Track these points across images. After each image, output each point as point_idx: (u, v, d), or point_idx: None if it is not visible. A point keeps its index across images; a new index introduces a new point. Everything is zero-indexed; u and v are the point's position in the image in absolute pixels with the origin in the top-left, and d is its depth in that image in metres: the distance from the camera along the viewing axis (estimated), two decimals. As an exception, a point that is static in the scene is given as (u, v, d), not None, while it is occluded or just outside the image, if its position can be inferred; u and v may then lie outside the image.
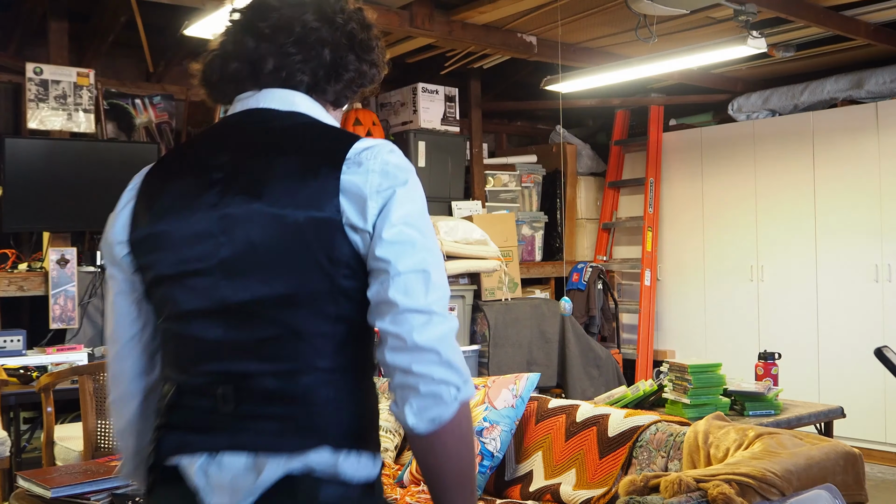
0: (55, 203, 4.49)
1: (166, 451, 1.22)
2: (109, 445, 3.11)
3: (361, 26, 1.33)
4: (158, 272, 1.26)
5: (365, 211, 1.15)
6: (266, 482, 1.13)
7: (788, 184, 5.92)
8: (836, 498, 2.17)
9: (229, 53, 1.31)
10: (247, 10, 1.30)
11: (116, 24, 4.72)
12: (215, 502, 1.15)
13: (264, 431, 1.16)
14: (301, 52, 1.27)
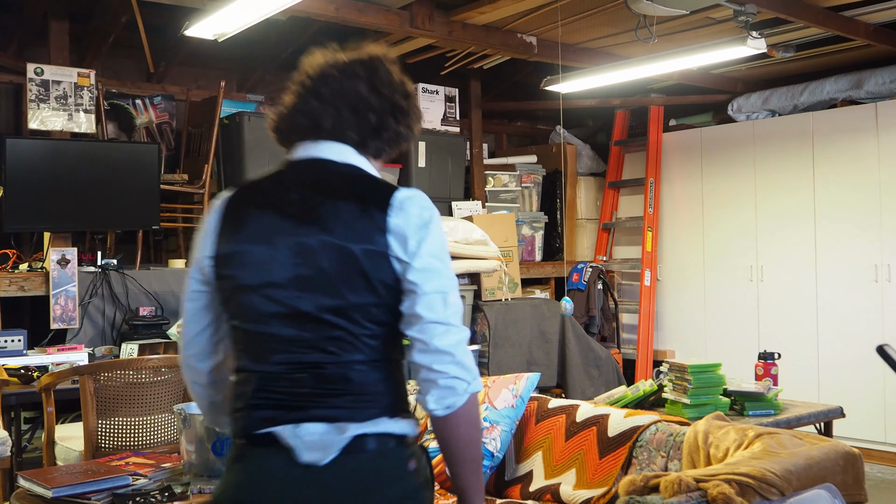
0: (56, 203, 4.50)
1: (255, 424, 1.53)
2: (110, 445, 3.12)
3: (403, 96, 1.67)
4: (241, 283, 1.57)
5: (406, 246, 1.51)
6: (345, 441, 1.49)
7: (788, 184, 5.92)
8: (835, 498, 2.17)
9: (298, 110, 1.67)
10: (315, 77, 1.65)
11: (117, 24, 4.72)
12: (307, 458, 1.49)
13: (335, 406, 1.51)
14: (353, 116, 1.62)
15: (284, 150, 1.74)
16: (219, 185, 5.33)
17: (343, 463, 1.49)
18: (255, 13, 3.79)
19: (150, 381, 3.22)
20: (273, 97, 6.09)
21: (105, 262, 4.67)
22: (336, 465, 1.49)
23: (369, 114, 1.63)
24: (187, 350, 1.71)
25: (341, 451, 1.49)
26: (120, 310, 4.65)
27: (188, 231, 5.29)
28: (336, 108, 1.63)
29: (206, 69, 5.80)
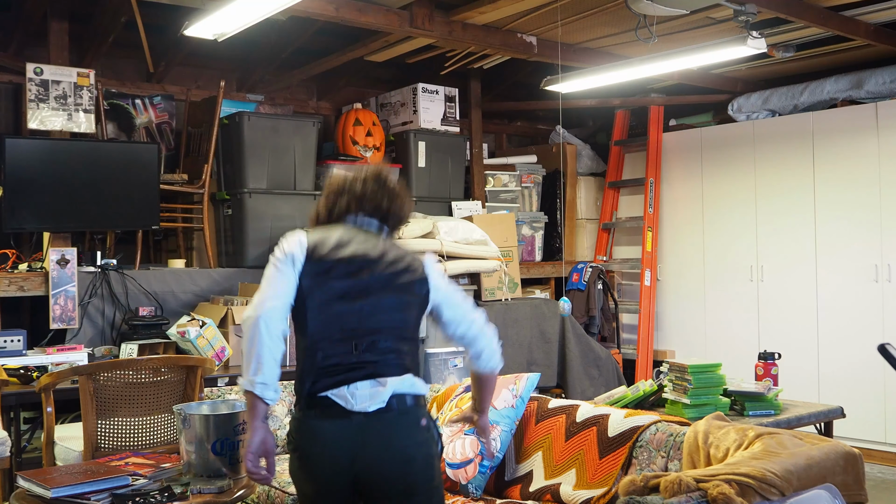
0: (55, 203, 4.50)
1: (323, 387, 2.17)
2: (109, 446, 3.11)
3: (395, 197, 2.43)
4: (329, 284, 2.24)
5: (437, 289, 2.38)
6: (388, 394, 2.18)
7: (788, 184, 5.92)
8: (835, 498, 2.17)
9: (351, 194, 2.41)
10: (366, 182, 2.40)
11: (117, 24, 4.72)
12: (359, 406, 2.15)
13: (383, 366, 2.20)
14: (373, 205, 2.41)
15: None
16: (218, 185, 5.32)
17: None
18: (255, 13, 3.79)
19: (149, 381, 3.22)
20: (273, 97, 6.09)
21: (105, 262, 4.66)
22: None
23: (388, 211, 2.43)
24: (273, 314, 2.17)
25: (385, 403, 2.18)
26: (119, 310, 4.65)
27: (188, 231, 5.29)
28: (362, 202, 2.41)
29: (205, 69, 5.80)
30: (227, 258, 5.29)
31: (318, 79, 6.22)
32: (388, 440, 2.15)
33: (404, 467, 2.16)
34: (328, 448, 2.15)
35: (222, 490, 2.52)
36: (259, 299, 2.17)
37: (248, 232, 5.12)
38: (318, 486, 2.18)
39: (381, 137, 5.82)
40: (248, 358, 2.14)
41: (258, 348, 2.12)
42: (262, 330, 2.12)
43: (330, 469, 2.14)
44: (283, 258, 2.21)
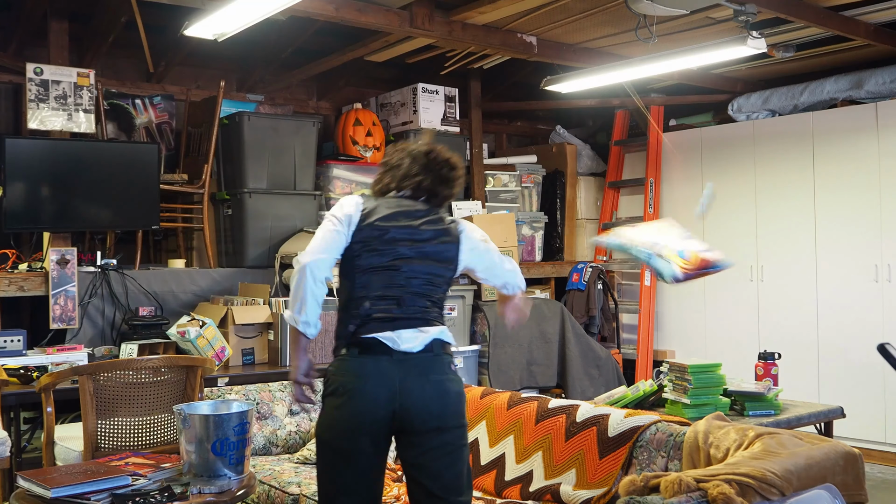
0: (55, 203, 4.50)
1: (369, 330, 2.42)
2: (109, 445, 3.11)
3: (449, 169, 2.78)
4: (376, 243, 2.48)
5: (469, 242, 2.75)
6: (428, 339, 2.46)
7: (788, 184, 5.92)
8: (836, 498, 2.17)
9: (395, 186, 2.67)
10: (420, 156, 2.72)
11: (117, 24, 4.72)
12: (404, 346, 2.41)
13: (422, 318, 2.48)
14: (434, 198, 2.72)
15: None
16: (218, 185, 5.33)
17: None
18: (255, 13, 3.79)
19: (149, 381, 3.22)
20: (273, 97, 6.09)
21: (105, 262, 4.66)
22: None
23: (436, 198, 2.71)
24: (325, 257, 2.44)
25: (424, 347, 2.45)
26: (119, 310, 4.65)
27: (188, 231, 5.29)
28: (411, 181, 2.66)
29: (205, 69, 5.80)
30: (227, 258, 5.29)
31: (318, 79, 6.21)
32: (426, 374, 2.41)
33: (441, 400, 2.40)
34: (371, 381, 2.36)
35: (222, 490, 2.52)
36: (311, 248, 2.43)
37: (248, 232, 5.12)
38: (358, 421, 2.35)
39: (381, 137, 5.82)
40: (294, 298, 2.43)
41: (303, 292, 2.40)
42: (308, 276, 2.40)
43: (373, 402, 2.35)
44: (341, 218, 2.47)
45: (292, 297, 2.44)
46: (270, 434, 3.87)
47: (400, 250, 2.49)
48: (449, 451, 2.42)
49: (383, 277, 2.47)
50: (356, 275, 2.48)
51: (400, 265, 2.49)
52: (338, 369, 2.42)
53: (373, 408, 2.35)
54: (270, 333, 4.71)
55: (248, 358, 4.65)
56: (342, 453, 2.37)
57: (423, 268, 2.52)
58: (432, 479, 2.39)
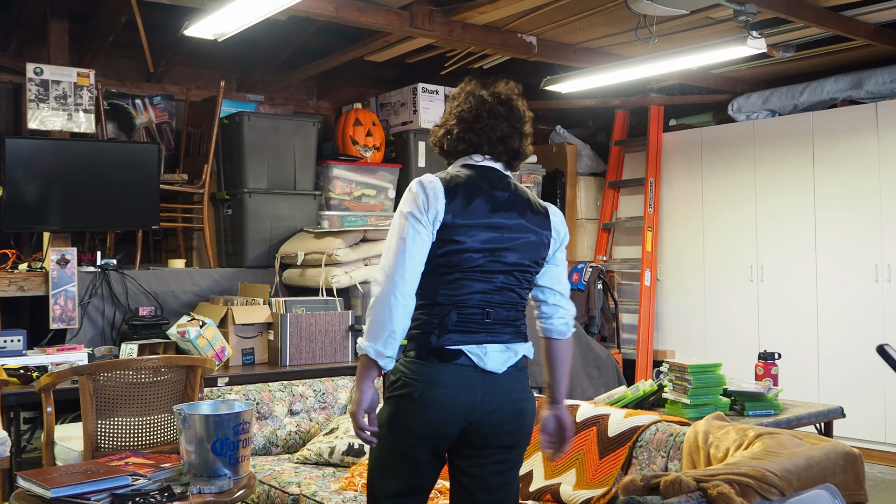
0: (55, 203, 4.50)
1: (452, 342, 2.21)
2: (109, 445, 3.11)
3: (528, 124, 2.51)
4: (466, 245, 2.22)
5: (559, 237, 2.40)
6: (516, 359, 2.34)
7: (788, 184, 5.92)
8: (836, 498, 2.17)
9: (459, 138, 2.38)
10: (470, 114, 2.37)
11: (116, 24, 4.72)
12: (490, 367, 2.25)
13: (511, 331, 2.35)
14: (501, 145, 2.40)
15: (445, 161, 2.45)
16: (218, 185, 5.33)
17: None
18: (255, 13, 3.79)
19: (149, 381, 3.22)
20: (273, 97, 6.09)
21: (105, 262, 4.66)
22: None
23: (511, 142, 2.42)
24: (412, 281, 2.18)
25: (510, 366, 2.34)
26: (119, 310, 4.65)
27: (188, 231, 5.29)
28: (489, 138, 2.36)
29: (205, 69, 5.80)
30: (227, 258, 5.29)
31: (318, 79, 6.22)
32: (508, 393, 2.27)
33: (517, 419, 2.30)
34: (451, 392, 2.18)
35: (222, 490, 2.52)
36: (395, 267, 2.15)
37: (248, 232, 5.12)
38: (428, 429, 2.18)
39: (381, 137, 5.82)
40: (379, 330, 2.14)
41: (392, 324, 2.14)
42: (401, 309, 2.14)
43: (449, 413, 2.18)
44: (424, 216, 2.19)
45: (375, 327, 2.14)
46: (270, 434, 3.87)
47: (490, 246, 2.24)
48: (508, 468, 2.32)
49: (471, 281, 2.23)
50: (440, 276, 2.22)
51: (489, 266, 2.24)
52: (414, 373, 2.19)
53: (448, 418, 2.19)
54: (270, 333, 4.71)
55: (248, 358, 4.65)
56: (408, 459, 2.23)
57: (513, 265, 2.28)
58: (485, 492, 2.29)
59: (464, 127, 2.35)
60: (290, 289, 5.08)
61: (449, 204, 2.20)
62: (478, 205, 2.24)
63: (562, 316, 2.47)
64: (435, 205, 2.19)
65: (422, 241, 2.17)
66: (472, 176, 2.29)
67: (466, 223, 2.22)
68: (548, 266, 2.39)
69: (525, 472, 3.22)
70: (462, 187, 2.25)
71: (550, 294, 2.44)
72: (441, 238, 2.20)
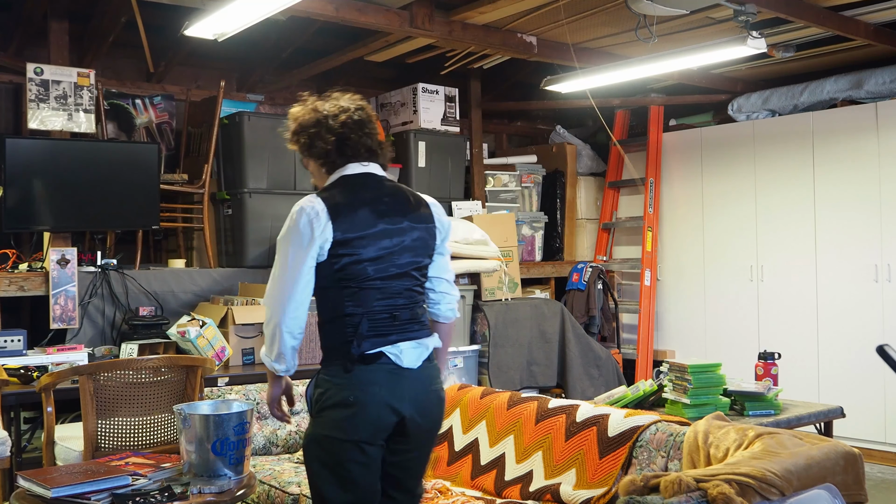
0: (55, 203, 4.50)
1: (370, 346, 2.32)
2: (110, 445, 3.11)
3: (378, 124, 2.58)
4: (361, 256, 2.32)
5: (444, 227, 2.52)
6: (427, 352, 2.42)
7: (788, 184, 5.92)
8: (835, 498, 2.17)
9: (335, 149, 2.47)
10: (339, 127, 2.46)
11: (117, 24, 4.72)
12: (407, 364, 2.36)
13: (417, 327, 2.42)
14: (367, 150, 2.50)
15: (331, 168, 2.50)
16: (218, 185, 5.32)
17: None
18: (255, 13, 3.79)
19: (150, 381, 3.22)
20: (273, 97, 6.08)
21: (105, 262, 4.66)
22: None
23: (373, 145, 2.50)
24: (299, 310, 2.32)
25: (425, 359, 2.42)
26: (120, 310, 4.65)
27: (188, 231, 5.29)
28: (356, 149, 2.46)
29: (206, 69, 5.80)
30: (227, 258, 5.29)
31: (318, 79, 6.21)
32: (428, 384, 2.42)
33: (438, 406, 2.47)
34: (383, 389, 2.32)
35: (222, 490, 2.52)
36: (281, 295, 2.32)
37: (248, 232, 5.12)
38: (370, 431, 2.32)
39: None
40: (271, 347, 2.38)
41: (280, 347, 2.35)
42: (286, 335, 2.34)
43: (384, 406, 2.32)
44: (307, 245, 2.31)
45: (269, 344, 2.37)
46: (270, 434, 3.87)
47: (383, 253, 2.36)
48: (428, 452, 2.51)
49: (373, 290, 2.35)
50: (342, 289, 2.35)
51: (388, 271, 2.37)
52: (343, 380, 2.32)
53: (385, 413, 2.31)
54: (270, 333, 4.71)
55: (248, 358, 4.65)
56: (357, 462, 2.31)
57: (408, 265, 2.41)
58: (410, 476, 2.47)
59: (329, 141, 2.44)
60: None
61: (335, 222, 2.31)
62: (363, 215, 2.35)
63: (448, 302, 2.57)
64: (320, 228, 2.30)
65: (307, 269, 2.31)
66: (352, 187, 2.41)
67: (356, 236, 2.32)
68: (435, 256, 2.49)
69: (525, 472, 3.22)
70: (344, 202, 2.35)
71: (438, 283, 2.53)
72: (335, 254, 2.31)
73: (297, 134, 2.49)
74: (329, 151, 2.43)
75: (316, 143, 2.44)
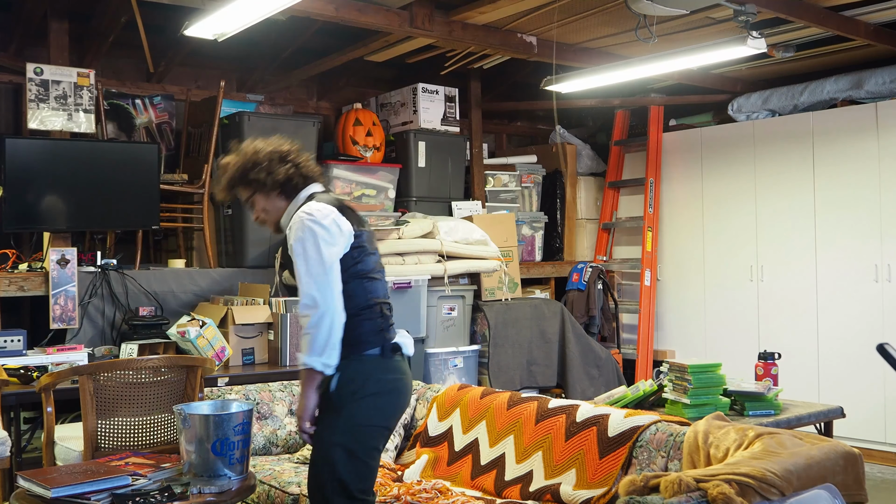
0: (55, 203, 4.50)
1: (392, 336, 2.59)
2: (110, 445, 3.11)
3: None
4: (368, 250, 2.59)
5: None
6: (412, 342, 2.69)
7: (788, 184, 5.92)
8: (835, 498, 2.17)
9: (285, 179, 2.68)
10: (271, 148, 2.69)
11: (117, 24, 4.72)
12: (408, 351, 2.62)
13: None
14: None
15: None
16: (219, 185, 5.32)
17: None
18: (255, 13, 3.79)
19: (150, 381, 3.22)
20: (273, 97, 6.08)
21: (105, 262, 4.66)
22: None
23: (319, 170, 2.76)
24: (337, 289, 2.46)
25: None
26: (119, 310, 4.65)
27: (188, 231, 5.29)
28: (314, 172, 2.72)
29: (206, 69, 5.80)
30: (227, 258, 5.29)
31: (318, 79, 6.22)
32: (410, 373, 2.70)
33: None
34: (409, 380, 2.63)
35: (222, 490, 2.52)
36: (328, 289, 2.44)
37: (248, 232, 5.12)
38: (398, 417, 2.60)
39: (381, 137, 5.82)
40: (322, 345, 2.43)
41: (333, 338, 2.44)
42: (336, 323, 2.44)
43: (408, 395, 2.62)
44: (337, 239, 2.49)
45: (318, 343, 2.43)
46: (270, 434, 3.87)
47: (374, 250, 2.66)
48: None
49: (379, 280, 2.64)
50: (361, 280, 2.57)
51: (379, 263, 2.67)
52: (379, 369, 2.53)
53: (407, 402, 2.62)
54: (270, 333, 4.71)
55: (248, 358, 4.65)
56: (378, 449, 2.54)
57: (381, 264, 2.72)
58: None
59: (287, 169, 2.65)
60: (291, 289, 5.08)
61: (348, 220, 2.57)
62: (354, 217, 2.62)
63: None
64: (345, 224, 2.53)
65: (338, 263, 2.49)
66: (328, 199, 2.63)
67: (361, 231, 2.61)
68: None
69: (525, 472, 3.22)
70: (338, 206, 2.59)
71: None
72: (355, 246, 2.55)
73: (248, 171, 2.64)
74: (291, 175, 2.63)
75: (275, 170, 2.62)
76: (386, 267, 2.78)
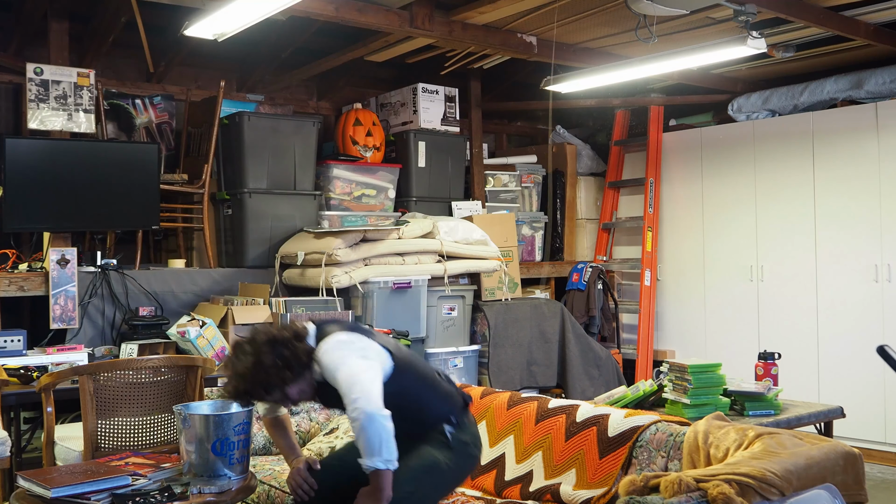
0: (55, 203, 4.50)
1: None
2: (110, 445, 3.11)
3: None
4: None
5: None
6: None
7: (788, 184, 5.92)
8: (835, 498, 2.17)
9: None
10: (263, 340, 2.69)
11: (117, 24, 4.72)
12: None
13: None
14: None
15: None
16: (218, 185, 5.32)
17: None
18: (255, 13, 3.79)
19: (149, 381, 3.22)
20: (273, 97, 6.09)
21: (105, 262, 4.66)
22: None
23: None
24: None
25: None
26: (119, 310, 4.65)
27: (188, 231, 5.29)
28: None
29: (206, 69, 5.80)
30: (227, 258, 5.29)
31: (318, 79, 6.22)
32: None
33: None
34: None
35: (222, 490, 2.52)
36: (374, 396, 2.50)
37: (248, 232, 5.12)
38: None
39: (381, 137, 5.82)
40: (382, 445, 2.46)
41: (388, 435, 2.47)
42: (387, 423, 2.48)
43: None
44: (378, 362, 2.63)
45: (377, 445, 2.46)
46: (270, 434, 3.86)
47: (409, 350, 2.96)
48: None
49: (427, 367, 2.88)
50: (419, 369, 2.79)
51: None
52: (471, 434, 2.78)
53: None
54: (270, 333, 4.70)
55: (248, 358, 4.64)
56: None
57: None
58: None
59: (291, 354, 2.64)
60: (291, 289, 5.08)
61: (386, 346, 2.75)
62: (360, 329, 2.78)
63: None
64: (383, 354, 2.68)
65: (380, 371, 2.63)
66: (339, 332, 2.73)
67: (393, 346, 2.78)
68: None
69: (525, 472, 3.22)
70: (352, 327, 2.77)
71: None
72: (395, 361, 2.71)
73: (271, 370, 2.59)
74: (300, 359, 2.62)
75: (291, 363, 2.61)
76: (386, 267, 2.80)
